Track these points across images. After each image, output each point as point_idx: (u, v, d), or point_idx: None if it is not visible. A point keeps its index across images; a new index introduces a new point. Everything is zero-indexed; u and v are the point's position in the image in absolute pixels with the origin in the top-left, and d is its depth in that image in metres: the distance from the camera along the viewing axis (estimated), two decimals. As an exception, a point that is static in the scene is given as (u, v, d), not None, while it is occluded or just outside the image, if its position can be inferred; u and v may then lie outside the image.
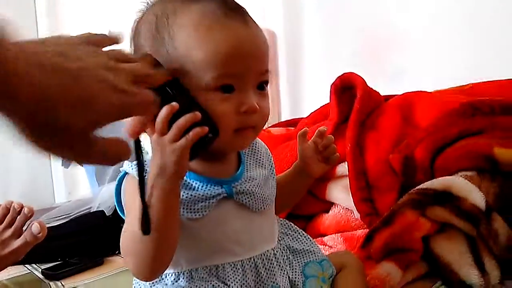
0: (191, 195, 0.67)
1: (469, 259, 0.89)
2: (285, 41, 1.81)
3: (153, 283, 0.71)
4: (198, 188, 0.68)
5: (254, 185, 0.72)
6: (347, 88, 1.24)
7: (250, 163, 0.75)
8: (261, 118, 0.67)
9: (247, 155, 0.76)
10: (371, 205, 1.07)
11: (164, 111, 0.59)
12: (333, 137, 0.81)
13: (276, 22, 1.80)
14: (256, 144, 0.78)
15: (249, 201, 0.70)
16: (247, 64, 0.64)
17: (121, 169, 0.71)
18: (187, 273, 0.68)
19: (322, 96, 1.35)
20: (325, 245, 1.10)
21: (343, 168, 1.13)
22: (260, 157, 0.77)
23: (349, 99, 1.22)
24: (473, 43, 1.42)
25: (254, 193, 0.71)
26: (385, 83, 1.63)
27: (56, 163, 2.57)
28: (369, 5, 1.64)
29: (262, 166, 0.76)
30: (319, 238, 1.12)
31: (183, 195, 0.66)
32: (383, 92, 1.51)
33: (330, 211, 1.16)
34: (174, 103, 0.60)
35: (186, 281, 0.68)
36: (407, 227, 0.92)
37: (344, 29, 1.70)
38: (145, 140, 0.85)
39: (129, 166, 0.68)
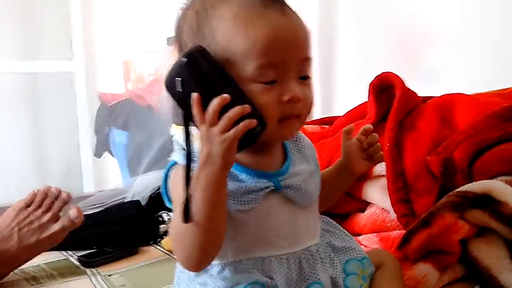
0: (239, 186, 0.68)
1: (509, 265, 0.89)
2: (319, 39, 1.81)
3: (197, 273, 0.71)
4: (246, 180, 0.69)
5: (300, 179, 0.72)
6: (385, 88, 1.24)
7: (295, 158, 0.75)
8: (305, 107, 0.68)
9: (293, 150, 0.76)
10: (408, 206, 1.07)
11: (215, 102, 0.60)
12: (377, 135, 0.81)
13: (311, 20, 1.81)
14: (301, 139, 0.78)
15: (296, 195, 0.71)
16: (287, 52, 0.65)
17: (169, 159, 0.72)
18: (232, 264, 0.69)
19: (355, 95, 1.36)
20: (360, 245, 1.10)
21: (380, 168, 1.13)
22: (305, 152, 0.78)
23: (387, 98, 1.22)
24: (510, 43, 1.41)
25: (301, 188, 0.72)
26: (419, 82, 1.63)
27: (85, 152, 2.61)
28: (403, 3, 1.63)
29: (307, 161, 0.77)
30: (354, 237, 1.12)
31: (230, 187, 0.67)
32: (417, 91, 1.50)
33: (366, 211, 1.16)
34: (225, 95, 0.60)
35: (231, 273, 0.69)
36: (446, 229, 0.92)
37: (378, 28, 1.70)
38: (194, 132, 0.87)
39: (178, 156, 0.69)
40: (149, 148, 1.95)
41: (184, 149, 0.64)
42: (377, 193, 1.14)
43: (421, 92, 1.47)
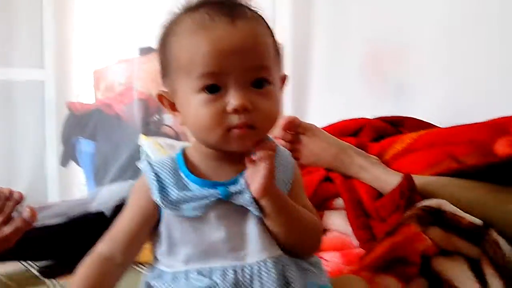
0: (185, 195, 0.68)
1: (472, 276, 0.90)
2: (293, 53, 1.82)
3: (152, 279, 0.72)
4: (194, 189, 0.69)
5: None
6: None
7: None
8: (261, 117, 0.67)
9: None
10: (369, 232, 1.08)
11: None
12: None
13: (284, 34, 1.82)
14: (279, 155, 0.75)
15: (243, 201, 0.69)
16: (228, 61, 0.65)
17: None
18: (183, 273, 0.69)
19: (328, 108, 1.36)
20: (322, 259, 1.09)
21: (339, 201, 1.16)
22: (279, 162, 0.74)
23: None
24: (485, 61, 1.43)
25: (247, 192, 0.69)
26: (389, 98, 1.66)
27: (51, 161, 2.57)
28: (377, 18, 1.66)
29: (278, 173, 0.73)
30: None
31: (178, 195, 0.68)
32: (386, 107, 1.53)
33: (326, 235, 1.15)
34: None
35: (183, 280, 0.69)
36: (409, 238, 0.92)
37: (351, 41, 1.72)
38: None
39: (143, 165, 0.72)
40: (116, 158, 1.93)
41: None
42: (338, 219, 1.14)
43: (390, 108, 1.50)
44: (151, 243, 0.74)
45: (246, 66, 0.66)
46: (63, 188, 2.53)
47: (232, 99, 0.65)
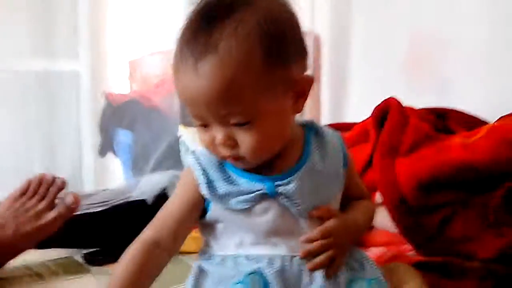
0: (232, 189, 0.70)
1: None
2: (330, 45, 1.81)
3: (204, 262, 0.74)
4: (241, 183, 0.70)
5: (301, 187, 0.70)
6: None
7: (313, 160, 0.73)
8: (246, 150, 0.67)
9: (314, 150, 0.74)
10: (420, 231, 1.03)
11: None
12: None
13: (323, 26, 1.80)
14: (324, 134, 0.76)
15: (290, 205, 0.70)
16: (200, 109, 0.66)
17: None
18: (232, 256, 0.72)
19: (367, 102, 1.34)
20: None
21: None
22: (328, 153, 0.75)
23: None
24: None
25: (297, 198, 0.70)
26: (432, 94, 1.62)
27: (87, 151, 2.60)
28: (419, 13, 1.63)
29: (330, 159, 0.74)
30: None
31: (224, 188, 0.70)
32: (430, 103, 1.49)
33: (372, 231, 1.13)
34: None
35: (232, 264, 0.71)
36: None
37: (392, 36, 1.69)
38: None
39: (190, 158, 0.74)
40: (154, 148, 1.94)
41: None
42: (380, 217, 1.09)
43: (432, 103, 1.47)
44: (200, 228, 0.76)
45: (216, 114, 0.65)
46: (100, 179, 2.56)
47: (215, 135, 0.67)
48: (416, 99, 1.61)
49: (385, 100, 1.24)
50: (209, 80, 0.63)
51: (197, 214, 0.73)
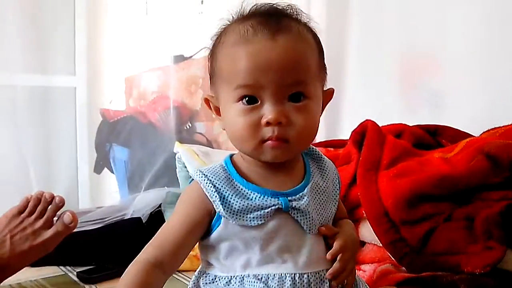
0: (247, 204, 0.69)
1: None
2: (327, 61, 1.82)
3: (205, 284, 0.73)
4: (254, 198, 0.70)
5: (311, 203, 0.72)
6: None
7: (316, 178, 0.75)
8: (295, 131, 0.68)
9: (313, 168, 0.77)
10: (402, 245, 1.02)
11: None
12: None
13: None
14: (323, 160, 0.79)
15: (302, 219, 0.71)
16: (265, 76, 0.67)
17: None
18: (238, 278, 0.70)
19: (361, 118, 1.35)
20: (360, 270, 1.08)
21: None
22: (327, 174, 0.78)
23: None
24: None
25: (307, 212, 0.71)
26: (424, 107, 1.64)
27: (83, 167, 2.60)
28: (412, 27, 1.65)
29: (330, 183, 0.77)
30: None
31: (239, 204, 0.69)
32: (421, 116, 1.51)
33: (363, 248, 1.14)
34: None
35: (238, 285, 0.70)
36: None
37: (384, 51, 1.71)
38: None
39: (198, 175, 0.73)
40: (150, 165, 1.94)
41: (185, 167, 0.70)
42: (368, 232, 1.11)
43: (424, 117, 1.48)
44: (201, 249, 0.75)
45: (282, 81, 0.67)
46: (95, 195, 2.55)
47: (267, 112, 0.67)
48: (409, 113, 1.64)
49: (361, 123, 1.28)
50: (286, 48, 0.68)
51: (200, 234, 0.72)
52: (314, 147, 0.80)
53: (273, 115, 0.66)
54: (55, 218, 1.13)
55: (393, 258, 1.03)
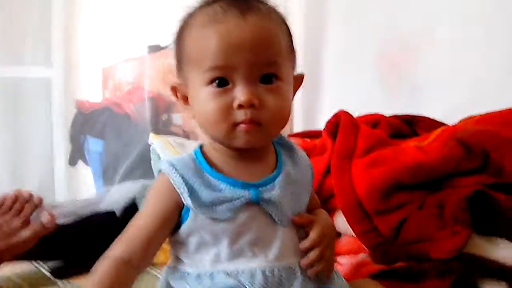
0: (216, 196, 0.67)
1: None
2: (304, 49, 1.81)
3: (174, 280, 0.72)
4: (224, 189, 0.68)
5: (283, 194, 0.70)
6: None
7: (288, 168, 0.74)
8: (268, 114, 0.66)
9: (285, 158, 0.75)
10: (375, 234, 1.02)
11: None
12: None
13: (296, 33, 1.80)
14: (295, 149, 0.77)
15: (273, 211, 0.69)
16: (237, 55, 0.65)
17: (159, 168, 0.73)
18: (209, 273, 0.69)
19: (339, 107, 1.35)
20: (337, 263, 1.07)
21: None
22: (299, 164, 0.76)
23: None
24: (500, 62, 1.41)
25: (279, 204, 0.70)
26: (403, 96, 1.64)
27: (58, 160, 2.57)
28: (391, 17, 1.64)
29: (301, 173, 0.75)
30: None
31: (208, 196, 0.67)
32: (400, 107, 1.51)
33: (340, 239, 1.12)
34: None
35: (208, 280, 0.68)
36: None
37: (365, 41, 1.70)
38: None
39: (166, 167, 0.70)
40: (125, 157, 1.92)
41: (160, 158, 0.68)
42: (342, 221, 1.09)
43: (404, 107, 1.48)
44: (171, 244, 0.73)
45: (254, 61, 0.65)
46: (71, 187, 2.53)
47: (239, 94, 0.65)
48: (389, 105, 1.64)
49: (335, 114, 1.26)
50: (257, 27, 0.66)
51: (171, 228, 0.70)
52: (285, 137, 0.78)
53: (245, 97, 0.64)
54: (32, 217, 1.11)
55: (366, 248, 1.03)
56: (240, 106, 0.65)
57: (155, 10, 2.22)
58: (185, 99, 0.72)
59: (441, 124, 1.34)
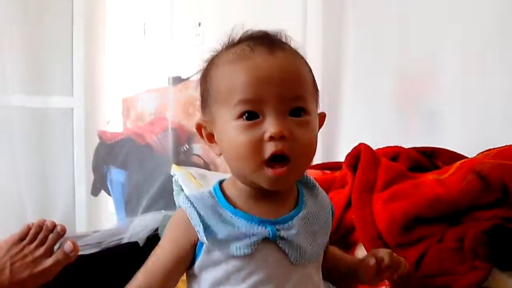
0: (232, 231, 0.68)
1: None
2: (322, 81, 1.83)
3: None
4: (241, 225, 0.69)
5: (300, 234, 0.70)
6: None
7: (309, 205, 0.74)
8: (297, 146, 0.67)
9: (307, 196, 0.75)
10: None
11: None
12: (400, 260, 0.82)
13: (314, 67, 1.82)
14: (316, 187, 0.78)
15: (290, 250, 0.69)
16: (266, 89, 0.66)
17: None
18: None
19: (359, 140, 1.36)
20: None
21: None
22: (320, 203, 0.76)
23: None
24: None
25: (295, 243, 0.69)
26: (422, 125, 1.65)
27: (80, 190, 2.59)
28: (407, 46, 1.66)
29: (323, 212, 0.76)
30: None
31: (224, 231, 0.68)
32: (417, 136, 1.51)
33: None
34: None
35: None
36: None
37: (381, 71, 1.71)
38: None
39: (184, 202, 0.72)
40: (147, 188, 1.94)
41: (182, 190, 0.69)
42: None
43: (422, 136, 1.49)
44: (187, 277, 0.74)
45: (283, 95, 0.67)
46: (93, 218, 2.54)
47: (270, 126, 0.65)
48: (406, 135, 1.64)
49: (355, 147, 1.27)
50: (285, 62, 0.68)
51: (187, 262, 0.71)
52: (308, 176, 0.79)
53: (276, 129, 0.65)
54: (55, 247, 1.12)
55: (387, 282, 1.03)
56: (271, 138, 0.65)
57: (177, 42, 2.26)
58: (210, 137, 0.73)
59: (460, 156, 1.35)
